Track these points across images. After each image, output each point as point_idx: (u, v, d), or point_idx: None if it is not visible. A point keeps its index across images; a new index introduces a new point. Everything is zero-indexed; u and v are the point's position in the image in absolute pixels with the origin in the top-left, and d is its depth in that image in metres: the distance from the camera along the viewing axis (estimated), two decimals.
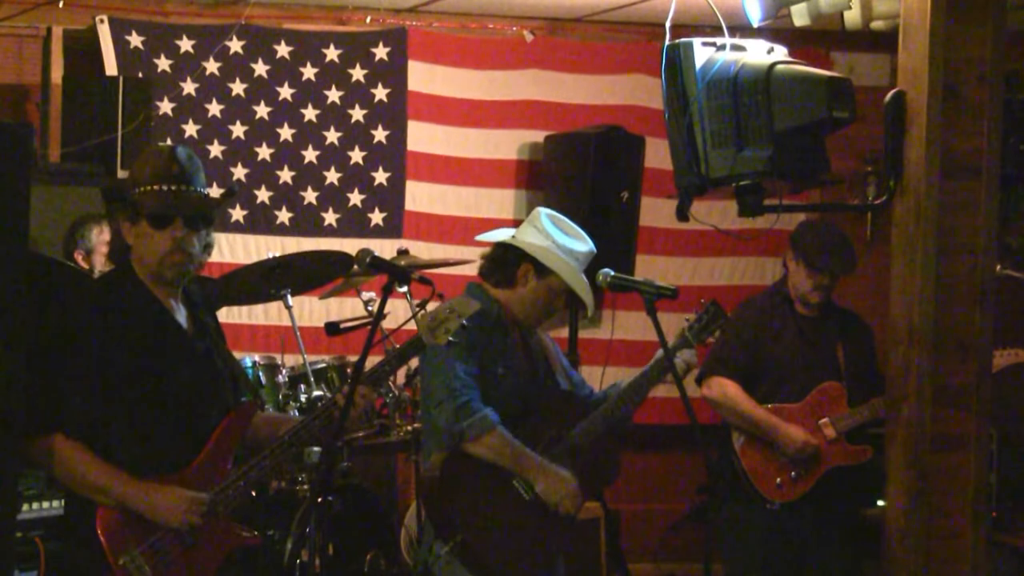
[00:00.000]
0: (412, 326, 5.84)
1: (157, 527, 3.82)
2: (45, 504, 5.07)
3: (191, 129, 7.48)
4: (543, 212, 4.88)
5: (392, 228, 7.77)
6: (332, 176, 7.71)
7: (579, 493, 4.70)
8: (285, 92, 7.64)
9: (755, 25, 4.60)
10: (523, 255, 4.78)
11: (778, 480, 5.60)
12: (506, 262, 4.82)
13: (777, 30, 4.71)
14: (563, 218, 4.89)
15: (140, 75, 7.25)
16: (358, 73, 7.74)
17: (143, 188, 3.91)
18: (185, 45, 7.47)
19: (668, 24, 4.30)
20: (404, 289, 6.10)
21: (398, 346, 4.51)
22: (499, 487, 4.64)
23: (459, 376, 4.60)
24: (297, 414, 5.95)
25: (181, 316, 4.02)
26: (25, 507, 4.99)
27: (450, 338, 4.26)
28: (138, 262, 3.95)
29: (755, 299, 6.02)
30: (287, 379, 6.20)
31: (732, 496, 5.70)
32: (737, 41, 4.28)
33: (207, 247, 4.03)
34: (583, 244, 4.83)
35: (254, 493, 5.21)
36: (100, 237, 6.29)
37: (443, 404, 4.62)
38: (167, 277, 3.94)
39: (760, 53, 4.28)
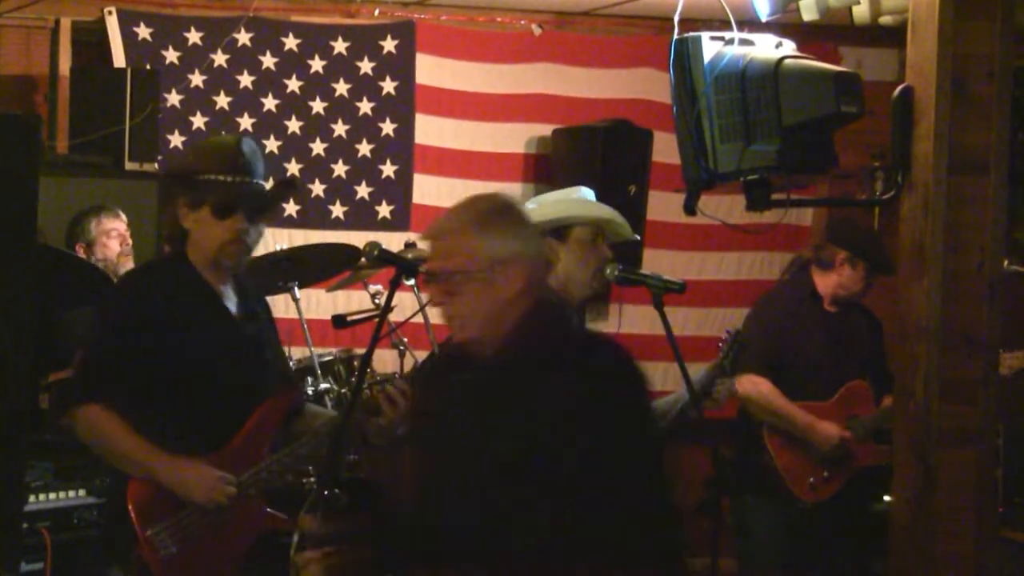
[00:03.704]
0: (419, 319, 5.88)
1: (186, 503, 3.85)
2: (52, 496, 5.08)
3: (199, 121, 7.49)
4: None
5: (399, 221, 7.78)
6: (340, 169, 7.72)
7: None
8: (293, 84, 7.65)
9: (763, 20, 4.59)
10: None
11: (811, 480, 5.58)
12: None
13: (786, 25, 4.70)
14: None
15: (148, 67, 7.25)
16: (366, 66, 7.74)
17: (208, 176, 3.98)
18: (193, 37, 7.48)
19: (676, 18, 4.30)
20: (411, 282, 6.11)
21: (406, 346, 4.46)
22: None
23: None
24: None
25: (231, 302, 4.11)
26: (32, 498, 5.00)
27: None
28: (195, 247, 4.03)
29: (779, 295, 5.99)
30: (294, 372, 6.20)
31: (759, 494, 5.67)
32: (745, 35, 4.27)
33: (259, 237, 4.14)
34: (575, 190, 4.79)
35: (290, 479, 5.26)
36: (99, 228, 6.32)
37: None
38: (224, 264, 4.05)
39: (768, 48, 4.27)
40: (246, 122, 7.56)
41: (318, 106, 7.69)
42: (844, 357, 5.72)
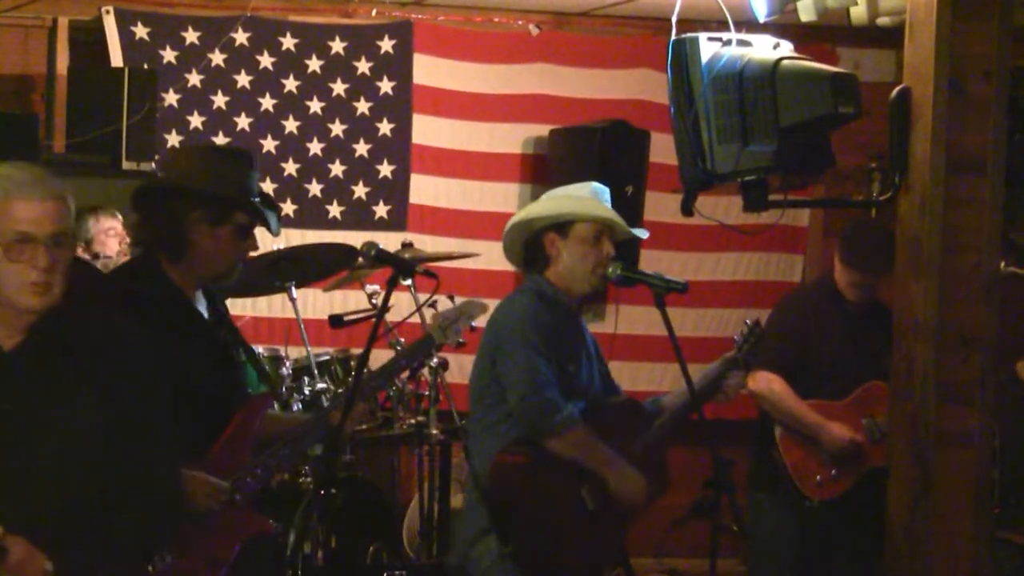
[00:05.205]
0: (416, 319, 5.88)
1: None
2: None
3: (196, 121, 7.48)
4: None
5: (397, 221, 7.78)
6: (337, 169, 7.72)
7: (646, 491, 4.64)
8: (290, 84, 7.65)
9: (761, 20, 4.59)
10: (539, 228, 4.66)
11: (818, 477, 5.57)
12: (529, 243, 4.69)
13: (783, 25, 4.70)
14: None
15: (146, 66, 7.25)
16: (363, 66, 7.74)
17: (235, 196, 3.99)
18: (191, 36, 7.48)
19: (674, 19, 4.30)
20: (408, 282, 6.11)
21: (403, 346, 4.49)
22: (568, 496, 4.54)
23: (541, 371, 4.49)
24: (300, 407, 5.96)
25: (202, 307, 4.08)
26: None
27: (460, 339, 4.27)
28: (198, 260, 3.99)
29: (801, 293, 5.99)
30: (291, 371, 6.19)
31: (768, 492, 5.67)
32: (743, 36, 4.28)
33: None
34: (586, 186, 4.77)
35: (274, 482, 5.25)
36: (98, 227, 6.33)
37: (527, 400, 4.49)
38: (231, 278, 4.08)
39: (766, 48, 4.28)
40: (243, 122, 7.56)
41: (315, 106, 7.69)
42: (863, 357, 5.70)
